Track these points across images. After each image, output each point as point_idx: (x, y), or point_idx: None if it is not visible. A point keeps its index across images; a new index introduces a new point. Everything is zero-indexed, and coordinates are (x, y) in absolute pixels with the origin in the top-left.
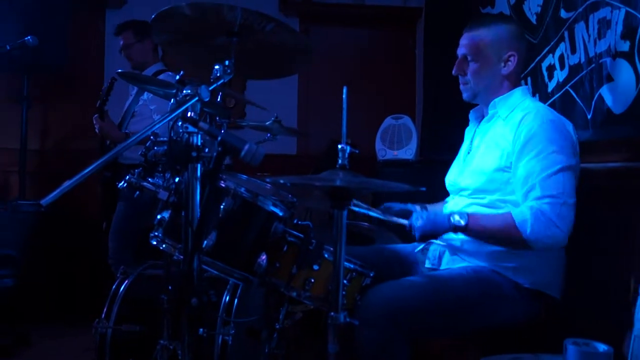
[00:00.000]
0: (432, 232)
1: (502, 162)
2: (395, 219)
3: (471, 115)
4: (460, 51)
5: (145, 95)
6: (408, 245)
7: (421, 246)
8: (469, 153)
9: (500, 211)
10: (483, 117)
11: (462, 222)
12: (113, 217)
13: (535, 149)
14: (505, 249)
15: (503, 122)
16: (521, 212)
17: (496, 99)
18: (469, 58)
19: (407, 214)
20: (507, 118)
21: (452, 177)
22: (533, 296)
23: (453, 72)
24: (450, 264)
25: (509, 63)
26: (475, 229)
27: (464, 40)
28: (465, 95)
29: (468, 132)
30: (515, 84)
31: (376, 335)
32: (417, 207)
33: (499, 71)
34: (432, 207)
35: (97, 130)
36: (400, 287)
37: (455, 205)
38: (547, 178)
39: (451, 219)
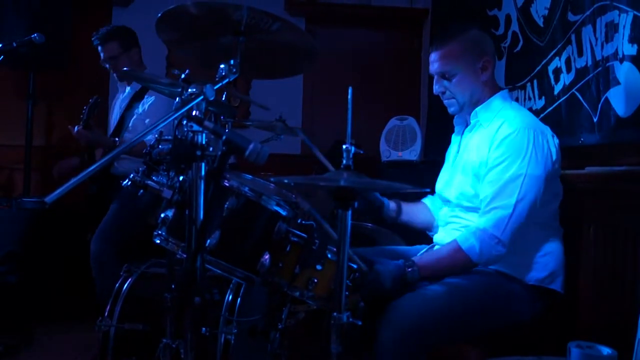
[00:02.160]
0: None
1: (482, 171)
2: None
3: (455, 121)
4: (434, 69)
5: (140, 109)
6: (410, 248)
7: (425, 249)
8: (455, 160)
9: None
10: (467, 124)
11: (416, 276)
12: (103, 219)
13: (499, 158)
14: None
15: (485, 130)
16: (466, 238)
17: (477, 109)
18: (447, 75)
19: (377, 204)
20: (488, 127)
21: (440, 187)
22: (538, 293)
23: (434, 91)
24: None
25: (487, 69)
26: (429, 274)
27: (434, 58)
28: (451, 110)
29: (454, 138)
30: (493, 89)
31: (401, 352)
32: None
33: (478, 79)
34: (407, 207)
35: (84, 143)
36: (422, 301)
37: (447, 214)
38: (502, 187)
39: (406, 276)
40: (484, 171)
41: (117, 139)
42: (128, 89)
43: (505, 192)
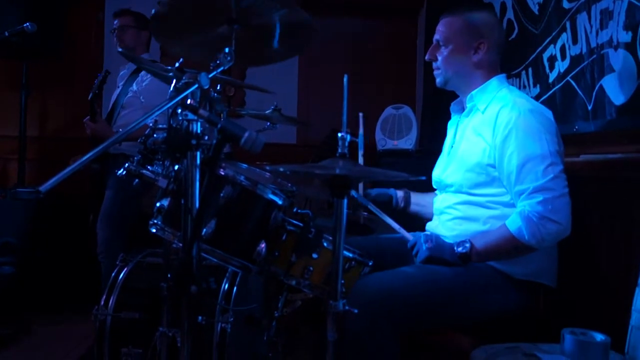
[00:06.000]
0: (438, 260)
1: (485, 158)
2: (402, 231)
3: (452, 108)
4: (435, 37)
5: (135, 87)
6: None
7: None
8: (452, 147)
9: (493, 212)
10: (463, 109)
11: (467, 249)
12: (101, 207)
13: (515, 142)
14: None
15: (482, 115)
16: (513, 220)
17: (473, 92)
18: (441, 43)
19: (385, 199)
20: (485, 110)
21: (438, 173)
22: (525, 287)
23: (426, 57)
24: None
25: (480, 51)
26: (480, 254)
27: (438, 27)
28: (437, 81)
29: (450, 126)
30: (488, 73)
31: (364, 323)
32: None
33: (469, 58)
34: (417, 198)
35: (88, 132)
36: (390, 276)
37: (442, 203)
38: (533, 170)
39: (456, 249)
40: (497, 158)
41: (117, 124)
42: (128, 64)
43: (535, 172)
